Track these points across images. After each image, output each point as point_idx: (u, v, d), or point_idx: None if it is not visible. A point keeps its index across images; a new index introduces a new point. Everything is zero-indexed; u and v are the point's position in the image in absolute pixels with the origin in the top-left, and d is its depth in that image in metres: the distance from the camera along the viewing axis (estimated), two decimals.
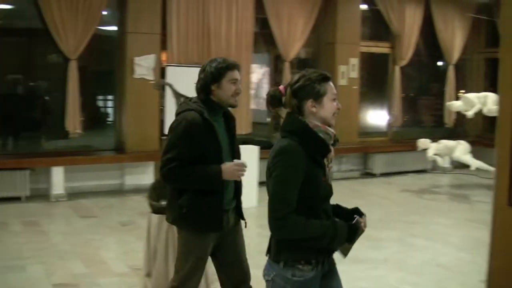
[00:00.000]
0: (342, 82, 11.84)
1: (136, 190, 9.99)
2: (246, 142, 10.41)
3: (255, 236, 7.92)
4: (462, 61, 14.28)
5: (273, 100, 3.29)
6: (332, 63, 11.88)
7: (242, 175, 3.90)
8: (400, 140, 13.27)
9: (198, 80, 4.07)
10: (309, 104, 3.05)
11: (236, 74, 4.00)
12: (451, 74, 13.61)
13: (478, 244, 6.80)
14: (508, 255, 3.86)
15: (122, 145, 10.38)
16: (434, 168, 12.98)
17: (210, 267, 4.55)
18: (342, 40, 11.89)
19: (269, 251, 3.17)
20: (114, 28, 10.67)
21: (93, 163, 10.06)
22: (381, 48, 13.05)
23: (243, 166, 3.88)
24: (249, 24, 10.84)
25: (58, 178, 9.59)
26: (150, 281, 5.42)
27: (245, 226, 4.34)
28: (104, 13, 10.18)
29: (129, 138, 10.20)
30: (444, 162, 11.83)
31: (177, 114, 3.99)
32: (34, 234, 7.54)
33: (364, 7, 12.64)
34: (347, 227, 3.02)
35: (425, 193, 10.79)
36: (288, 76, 11.24)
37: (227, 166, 3.86)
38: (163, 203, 4.57)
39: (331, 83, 3.17)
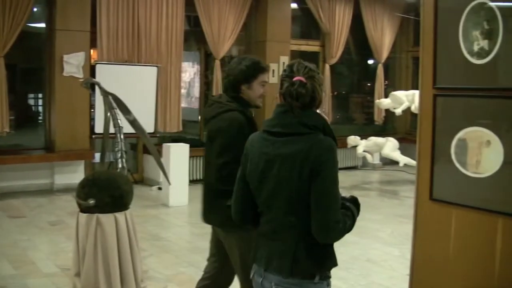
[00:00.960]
0: (273, 80, 11.83)
1: (66, 190, 9.83)
2: (177, 140, 10.40)
3: (187, 234, 7.92)
4: (391, 60, 14.56)
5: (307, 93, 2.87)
6: (262, 61, 11.88)
7: None
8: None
9: (227, 76, 4.04)
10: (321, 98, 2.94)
11: (266, 77, 4.02)
12: (380, 72, 13.83)
13: (406, 239, 6.93)
14: (430, 249, 3.94)
15: (52, 144, 10.19)
16: (364, 164, 13.19)
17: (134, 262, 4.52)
18: (272, 38, 11.94)
19: (289, 269, 2.82)
20: (43, 25, 10.45)
21: (23, 163, 9.85)
22: (311, 46, 13.18)
23: None
24: (179, 22, 10.79)
25: None
26: (79, 280, 5.34)
27: None
28: (34, 9, 9.98)
29: (58, 137, 10.02)
30: (373, 159, 12.04)
31: (218, 114, 3.93)
32: None
33: (294, 5, 12.73)
34: (354, 202, 2.99)
35: (355, 189, 10.94)
36: (219, 74, 11.24)
37: None
38: (91, 202, 4.51)
39: None
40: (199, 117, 11.89)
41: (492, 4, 3.50)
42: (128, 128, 5.34)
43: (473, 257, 3.66)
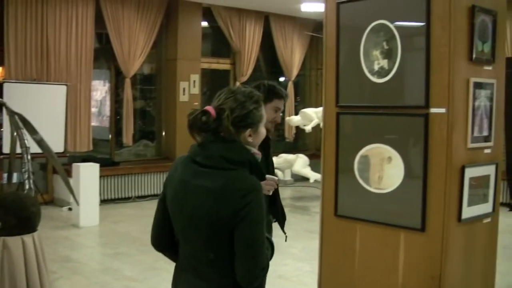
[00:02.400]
0: (183, 98, 11.90)
1: None
2: (87, 159, 10.24)
3: (98, 255, 7.79)
4: (301, 77, 14.78)
5: (205, 126, 2.67)
6: (173, 79, 11.92)
7: (269, 191, 3.21)
8: None
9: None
10: (247, 133, 2.66)
11: (282, 104, 3.91)
12: (290, 89, 13.99)
13: (317, 254, 7.02)
14: (337, 264, 4.02)
15: None
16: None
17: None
18: (183, 56, 11.91)
19: None
20: None
21: None
22: (222, 64, 13.21)
23: (273, 182, 3.29)
24: (89, 39, 10.63)
25: None
26: None
27: (285, 240, 4.32)
28: None
29: None
30: (284, 176, 12.16)
31: None
32: None
33: (205, 24, 12.75)
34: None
35: None
36: (129, 92, 11.15)
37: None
38: None
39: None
40: (110, 136, 11.74)
41: (391, 24, 3.62)
42: (36, 148, 5.24)
43: (378, 271, 3.75)
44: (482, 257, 3.83)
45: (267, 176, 3.27)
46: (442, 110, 3.41)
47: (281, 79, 14.44)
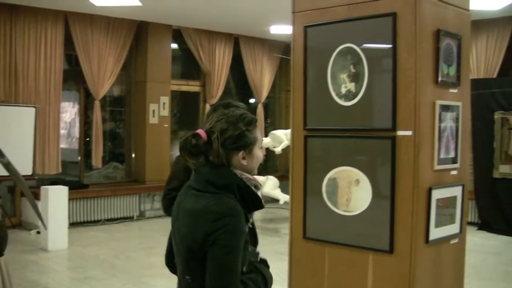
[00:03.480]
0: (153, 120, 11.87)
1: None
2: (56, 182, 10.15)
3: (66, 279, 7.70)
4: (271, 99, 14.84)
5: (195, 149, 2.56)
6: (143, 101, 11.89)
7: None
8: None
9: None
10: (240, 156, 2.61)
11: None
12: (260, 111, 14.02)
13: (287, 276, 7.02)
14: (305, 287, 4.02)
15: None
16: None
17: None
18: (153, 78, 11.89)
19: None
20: None
21: None
22: (192, 86, 13.22)
23: None
24: (58, 61, 10.56)
25: None
26: None
27: None
28: None
29: None
30: None
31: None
32: None
33: (174, 46, 12.77)
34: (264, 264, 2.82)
35: None
36: (98, 114, 11.10)
37: None
38: None
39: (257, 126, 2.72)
40: (79, 158, 11.66)
41: (358, 48, 3.65)
42: (4, 171, 5.18)
43: None
44: (450, 277, 3.85)
45: None
46: (409, 133, 3.44)
47: (251, 100, 14.47)
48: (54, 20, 10.47)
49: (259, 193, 2.73)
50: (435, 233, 3.59)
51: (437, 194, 3.57)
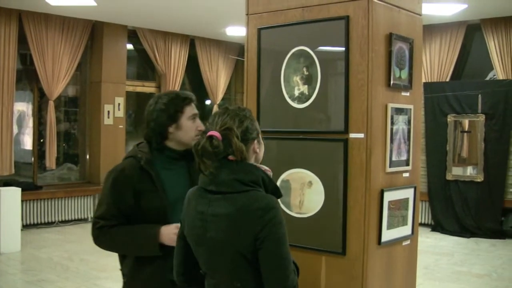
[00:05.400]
0: (108, 121, 11.78)
1: None
2: (9, 183, 10.00)
3: (19, 283, 7.60)
4: (227, 101, 14.83)
5: (218, 149, 2.54)
6: (98, 102, 11.79)
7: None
8: None
9: (147, 125, 3.25)
10: (255, 146, 2.67)
11: (194, 109, 3.29)
12: None
13: None
14: None
15: None
16: None
17: None
18: (108, 79, 11.81)
19: None
20: None
21: None
22: (147, 87, 13.14)
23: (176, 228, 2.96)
24: (11, 60, 10.40)
25: None
26: None
27: None
28: None
29: None
30: None
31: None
32: None
33: (130, 46, 12.69)
34: None
35: None
36: (52, 115, 10.95)
37: (167, 228, 3.07)
38: None
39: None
40: (33, 159, 11.49)
41: (311, 50, 3.67)
42: None
43: None
44: (403, 278, 3.88)
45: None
46: (361, 135, 3.46)
47: (207, 102, 14.45)
48: (7, 19, 10.32)
49: None
50: (387, 234, 3.61)
51: (389, 196, 3.60)
